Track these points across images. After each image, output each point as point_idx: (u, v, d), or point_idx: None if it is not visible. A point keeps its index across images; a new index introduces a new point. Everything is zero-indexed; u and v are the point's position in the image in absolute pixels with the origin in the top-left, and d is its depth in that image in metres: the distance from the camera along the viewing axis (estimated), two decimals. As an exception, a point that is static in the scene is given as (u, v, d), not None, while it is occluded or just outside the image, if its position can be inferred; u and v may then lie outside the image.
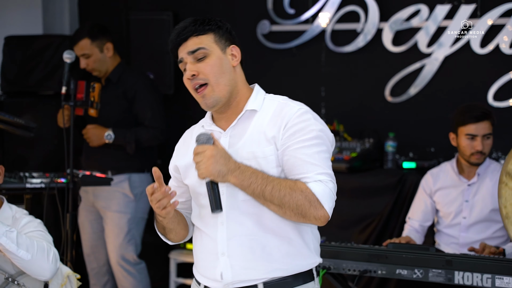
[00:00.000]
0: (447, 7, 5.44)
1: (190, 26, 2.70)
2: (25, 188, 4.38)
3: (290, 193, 2.51)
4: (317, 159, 2.59)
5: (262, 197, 2.52)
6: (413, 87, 5.59)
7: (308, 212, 2.51)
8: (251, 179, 2.52)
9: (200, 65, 2.68)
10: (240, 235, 2.64)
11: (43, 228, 3.47)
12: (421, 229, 4.62)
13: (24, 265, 3.24)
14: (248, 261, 2.64)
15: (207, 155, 2.51)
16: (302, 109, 2.66)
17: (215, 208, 2.55)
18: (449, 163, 4.64)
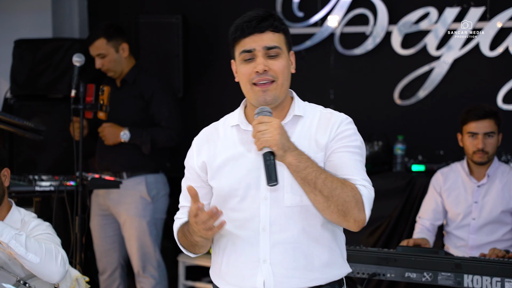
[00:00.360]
0: (456, 9, 5.43)
1: (269, 19, 2.64)
2: (35, 191, 4.39)
3: (342, 187, 2.48)
4: (360, 167, 2.61)
5: (313, 184, 2.46)
6: (422, 90, 5.59)
7: (351, 211, 2.49)
8: (307, 163, 2.48)
9: (273, 62, 2.62)
10: (284, 243, 2.59)
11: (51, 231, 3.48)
12: (432, 228, 4.62)
13: (34, 268, 3.25)
14: (291, 269, 2.59)
15: (274, 125, 2.47)
16: (349, 118, 2.71)
17: (273, 180, 2.44)
18: (460, 163, 4.65)
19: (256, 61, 2.62)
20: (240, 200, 2.63)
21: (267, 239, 2.60)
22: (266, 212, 2.60)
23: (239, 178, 2.64)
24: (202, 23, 6.28)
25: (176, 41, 5.95)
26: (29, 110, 5.69)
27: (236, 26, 2.66)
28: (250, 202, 2.62)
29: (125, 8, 6.54)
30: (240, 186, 2.62)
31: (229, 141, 2.72)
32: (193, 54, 6.24)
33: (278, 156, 2.47)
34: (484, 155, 4.44)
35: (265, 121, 2.49)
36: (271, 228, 2.60)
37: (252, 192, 2.62)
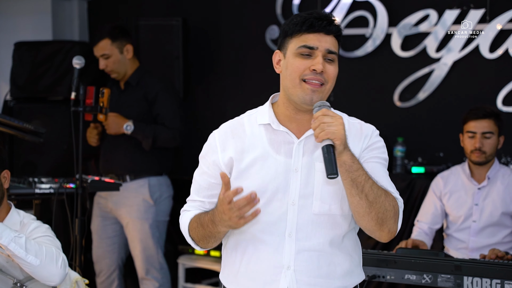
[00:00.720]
0: (456, 12, 5.43)
1: (336, 25, 2.60)
2: (34, 193, 4.39)
3: (386, 195, 2.49)
4: (389, 179, 2.62)
5: (361, 187, 2.44)
6: (422, 92, 5.59)
7: (388, 221, 2.49)
8: (359, 165, 2.46)
9: (329, 66, 2.59)
10: (309, 250, 2.56)
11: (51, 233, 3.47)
12: (430, 231, 4.62)
13: (33, 271, 3.25)
14: (314, 277, 2.57)
15: (339, 120, 2.45)
16: (377, 130, 2.72)
17: (333, 172, 2.40)
18: (460, 166, 4.65)
19: (315, 60, 2.55)
20: (266, 203, 2.56)
21: (293, 245, 2.56)
22: (293, 218, 2.56)
23: (268, 180, 2.58)
24: (202, 26, 6.29)
25: (176, 44, 5.96)
26: (29, 113, 5.70)
27: (304, 19, 2.58)
28: (277, 206, 2.57)
29: (125, 11, 6.55)
30: (268, 188, 2.57)
31: (257, 140, 2.64)
32: (193, 57, 6.24)
33: (338, 151, 2.43)
34: (481, 154, 4.46)
35: (331, 114, 2.46)
36: (297, 234, 2.56)
37: (280, 196, 2.57)
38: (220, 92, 6.26)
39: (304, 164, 2.57)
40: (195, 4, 6.35)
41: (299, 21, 2.58)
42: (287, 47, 2.62)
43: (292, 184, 2.56)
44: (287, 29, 2.62)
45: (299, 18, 2.59)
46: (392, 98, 5.69)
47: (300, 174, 2.57)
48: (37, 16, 6.45)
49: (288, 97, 2.63)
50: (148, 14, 6.39)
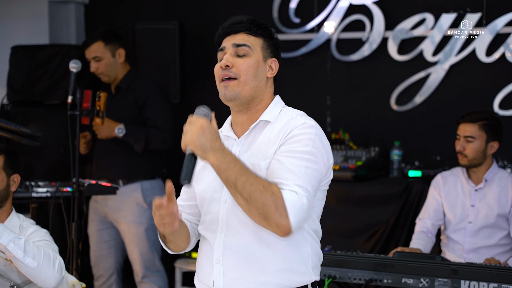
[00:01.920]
0: (453, 16, 5.44)
1: (246, 23, 2.74)
2: (31, 197, 4.39)
3: (261, 190, 2.44)
4: (302, 172, 2.53)
5: (233, 186, 2.45)
6: (418, 96, 5.59)
7: (272, 216, 2.44)
8: (230, 164, 2.46)
9: (239, 60, 2.68)
10: (236, 245, 2.63)
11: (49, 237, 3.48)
12: (433, 228, 4.63)
13: (30, 273, 3.25)
14: (241, 271, 2.62)
15: (197, 125, 2.48)
16: (307, 123, 2.63)
17: (184, 178, 2.46)
18: (461, 168, 4.67)
19: (224, 58, 2.69)
20: (208, 203, 2.70)
21: (222, 240, 2.65)
22: (223, 215, 2.65)
23: (209, 181, 2.70)
24: (199, 29, 6.29)
25: (173, 47, 5.96)
26: (25, 116, 5.69)
27: (220, 27, 2.78)
28: (215, 205, 2.69)
29: (122, 15, 6.55)
30: (209, 189, 2.69)
31: None
32: (190, 60, 6.24)
33: (199, 156, 2.48)
34: (463, 158, 4.52)
35: (192, 120, 2.51)
36: (226, 230, 2.64)
37: (217, 196, 2.68)
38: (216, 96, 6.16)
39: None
40: (191, 8, 6.35)
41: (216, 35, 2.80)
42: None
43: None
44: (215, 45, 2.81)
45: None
46: (389, 102, 5.69)
47: None
48: (33, 19, 6.44)
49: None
50: (144, 18, 6.39)
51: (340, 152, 5.50)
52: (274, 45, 2.79)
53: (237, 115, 2.77)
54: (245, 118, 2.74)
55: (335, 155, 5.45)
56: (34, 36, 6.35)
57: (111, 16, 6.62)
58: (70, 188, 4.46)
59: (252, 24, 2.74)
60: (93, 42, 5.26)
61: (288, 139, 2.59)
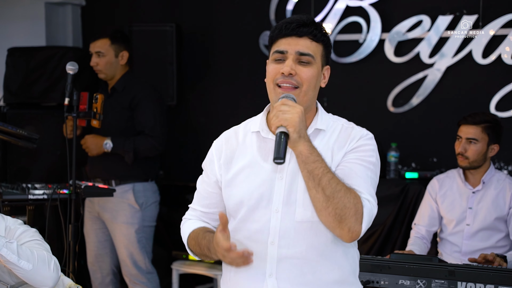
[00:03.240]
0: (449, 18, 5.45)
1: (310, 26, 2.60)
2: (28, 199, 4.38)
3: (345, 191, 2.41)
4: (370, 183, 2.55)
5: (318, 180, 2.39)
6: (415, 98, 5.60)
7: (348, 219, 2.41)
8: (318, 157, 2.42)
9: (302, 68, 2.58)
10: (292, 258, 2.55)
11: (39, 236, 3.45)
12: (428, 234, 4.63)
13: (26, 276, 3.24)
14: (297, 285, 2.55)
15: (298, 109, 2.42)
16: (370, 134, 2.67)
17: (279, 157, 2.37)
18: (456, 170, 4.67)
19: (285, 63, 2.57)
20: (251, 211, 2.59)
21: (275, 253, 2.55)
22: (276, 226, 2.56)
23: (253, 188, 2.60)
24: (196, 31, 6.29)
25: (170, 49, 5.96)
26: (22, 118, 5.69)
27: (276, 26, 2.63)
28: (262, 214, 2.58)
29: (119, 17, 6.55)
30: (253, 196, 2.58)
31: (248, 147, 2.67)
32: (187, 62, 6.25)
33: (292, 139, 2.41)
34: (464, 159, 4.49)
35: (289, 104, 2.44)
36: (279, 242, 2.55)
37: (264, 204, 2.58)
38: (213, 97, 6.25)
39: (289, 171, 2.57)
40: (188, 10, 6.35)
41: (273, 28, 2.64)
42: (269, 55, 2.66)
43: (276, 191, 2.56)
44: (268, 38, 2.68)
45: (276, 25, 2.64)
46: (386, 104, 5.70)
47: (284, 181, 2.57)
48: (30, 22, 6.44)
49: (272, 104, 2.64)
50: (141, 20, 6.39)
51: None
52: (329, 52, 2.70)
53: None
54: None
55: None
56: (31, 38, 6.35)
57: (108, 18, 6.61)
58: (67, 190, 4.45)
59: (316, 29, 2.61)
60: (100, 37, 5.30)
61: (355, 148, 2.59)
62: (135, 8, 6.57)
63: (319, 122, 2.68)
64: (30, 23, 6.45)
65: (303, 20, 2.59)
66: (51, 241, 3.54)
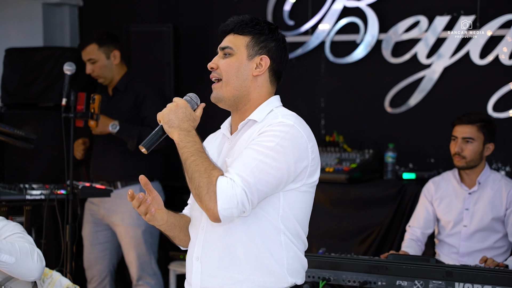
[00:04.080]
0: (447, 18, 5.45)
1: (234, 24, 2.80)
2: (25, 199, 4.37)
3: (201, 172, 2.51)
4: (253, 164, 2.51)
5: (184, 164, 2.57)
6: (412, 98, 5.60)
7: (203, 198, 2.50)
8: (188, 143, 2.57)
9: (222, 61, 2.74)
10: (215, 243, 2.65)
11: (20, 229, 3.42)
12: (422, 237, 4.63)
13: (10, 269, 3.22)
14: (217, 269, 2.64)
15: (173, 103, 2.65)
16: (284, 122, 2.60)
17: (144, 144, 2.65)
18: (451, 172, 4.67)
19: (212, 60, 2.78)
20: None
21: (202, 238, 2.69)
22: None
23: None
24: (193, 32, 6.29)
25: (167, 50, 5.96)
26: (19, 119, 5.68)
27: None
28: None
29: (116, 17, 6.54)
30: None
31: (214, 145, 2.85)
32: (184, 63, 6.24)
33: (165, 130, 2.63)
34: (461, 159, 4.50)
35: (174, 99, 2.67)
36: (207, 227, 2.68)
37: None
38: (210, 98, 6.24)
39: (221, 161, 2.72)
40: (186, 11, 6.35)
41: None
42: None
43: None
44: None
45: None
46: (383, 104, 5.70)
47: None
48: (28, 22, 6.44)
49: None
50: (139, 20, 6.39)
51: (334, 155, 5.51)
52: (266, 42, 2.73)
53: (232, 114, 2.82)
54: (236, 117, 2.79)
55: (329, 157, 5.46)
56: (28, 39, 6.34)
57: (106, 18, 6.61)
58: (64, 191, 4.45)
59: (239, 25, 2.77)
60: (87, 44, 5.26)
61: (261, 133, 2.59)
62: (132, 9, 6.56)
63: (254, 114, 2.72)
64: (27, 23, 6.44)
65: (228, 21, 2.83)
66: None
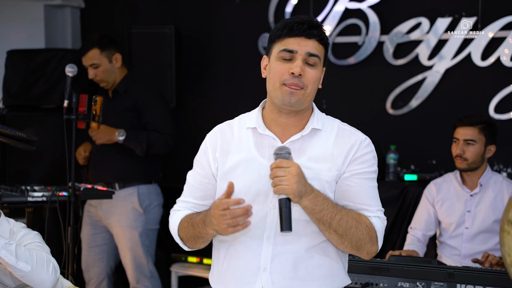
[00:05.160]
0: (448, 20, 5.45)
1: (319, 29, 2.64)
2: (27, 201, 4.38)
3: (357, 226, 2.54)
4: (376, 194, 2.66)
5: (328, 224, 2.50)
6: (414, 100, 5.60)
7: (365, 246, 2.57)
8: (323, 205, 2.50)
9: (309, 70, 2.62)
10: (286, 252, 2.60)
11: (40, 239, 3.46)
12: (424, 238, 4.63)
13: (25, 277, 3.24)
14: (290, 279, 2.61)
15: (292, 172, 2.44)
16: (368, 139, 2.71)
17: (286, 228, 2.45)
18: (453, 173, 4.67)
19: (295, 63, 2.60)
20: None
21: (270, 248, 2.61)
22: (272, 222, 2.60)
23: (250, 182, 2.63)
24: (195, 34, 6.29)
25: (169, 52, 5.96)
26: (21, 121, 5.68)
27: (285, 24, 2.63)
28: (258, 209, 2.60)
29: (118, 19, 6.55)
30: (250, 191, 2.61)
31: (244, 143, 2.71)
32: (186, 65, 6.25)
33: (294, 201, 2.48)
34: (463, 161, 4.50)
35: (284, 166, 2.45)
36: (275, 238, 2.60)
37: (261, 199, 2.62)
38: (212, 100, 6.25)
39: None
40: (187, 12, 6.35)
41: (281, 26, 2.64)
42: (271, 51, 2.67)
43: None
44: (272, 34, 2.68)
45: (283, 23, 2.64)
46: (385, 106, 5.70)
47: None
48: (29, 24, 6.44)
49: (271, 101, 2.68)
50: (140, 22, 6.39)
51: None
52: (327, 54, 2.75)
53: (280, 115, 2.69)
54: (291, 121, 2.69)
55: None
56: (30, 41, 6.35)
57: (107, 20, 6.61)
58: (66, 193, 4.45)
59: (323, 31, 2.65)
60: (88, 49, 5.24)
61: (358, 158, 2.64)
62: (134, 11, 6.57)
63: (315, 122, 2.72)
64: (29, 25, 6.45)
65: (313, 22, 2.63)
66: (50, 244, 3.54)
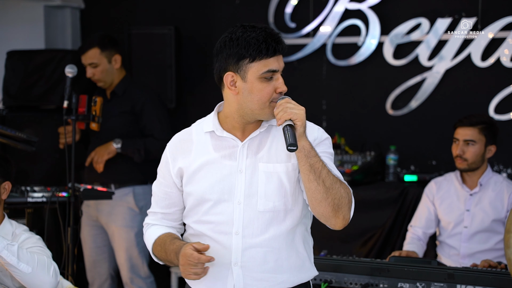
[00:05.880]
0: (448, 20, 5.45)
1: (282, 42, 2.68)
2: (27, 202, 4.38)
3: (341, 182, 2.62)
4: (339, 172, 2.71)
5: (319, 172, 2.56)
6: (414, 100, 5.60)
7: (344, 208, 2.62)
8: (316, 152, 2.59)
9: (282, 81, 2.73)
10: (256, 246, 2.68)
11: (42, 244, 3.48)
12: (424, 236, 4.63)
13: (25, 279, 3.25)
14: (261, 272, 2.69)
15: (302, 107, 2.58)
16: (321, 128, 2.78)
17: (293, 144, 2.53)
18: (454, 173, 4.68)
19: (278, 81, 2.66)
20: (214, 205, 2.71)
21: (240, 242, 2.69)
22: (239, 217, 2.69)
23: (213, 183, 2.72)
24: (195, 34, 6.29)
25: (169, 52, 5.96)
26: (21, 121, 5.68)
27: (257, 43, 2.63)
28: (225, 207, 2.70)
29: (117, 20, 6.54)
30: (214, 190, 2.70)
31: (203, 147, 2.78)
32: (186, 65, 6.24)
33: (298, 132, 2.56)
34: (463, 161, 4.50)
35: (294, 102, 2.60)
36: (243, 232, 2.68)
37: (226, 197, 2.70)
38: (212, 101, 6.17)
39: (248, 165, 2.70)
40: (187, 13, 6.35)
41: (255, 45, 2.63)
42: (246, 70, 2.66)
43: (238, 184, 2.69)
44: (243, 53, 2.64)
45: (254, 41, 2.64)
46: (385, 107, 5.70)
47: (244, 174, 2.70)
48: (29, 25, 6.44)
49: (243, 114, 2.72)
50: (140, 23, 6.39)
51: (336, 157, 5.50)
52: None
53: (247, 124, 2.75)
54: (253, 124, 2.75)
55: (331, 160, 5.46)
56: (30, 41, 6.34)
57: (107, 21, 6.61)
58: (65, 193, 4.45)
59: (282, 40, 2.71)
60: (89, 48, 5.24)
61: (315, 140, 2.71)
62: (134, 11, 6.57)
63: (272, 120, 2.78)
64: (29, 26, 6.44)
65: (275, 34, 2.68)
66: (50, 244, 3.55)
